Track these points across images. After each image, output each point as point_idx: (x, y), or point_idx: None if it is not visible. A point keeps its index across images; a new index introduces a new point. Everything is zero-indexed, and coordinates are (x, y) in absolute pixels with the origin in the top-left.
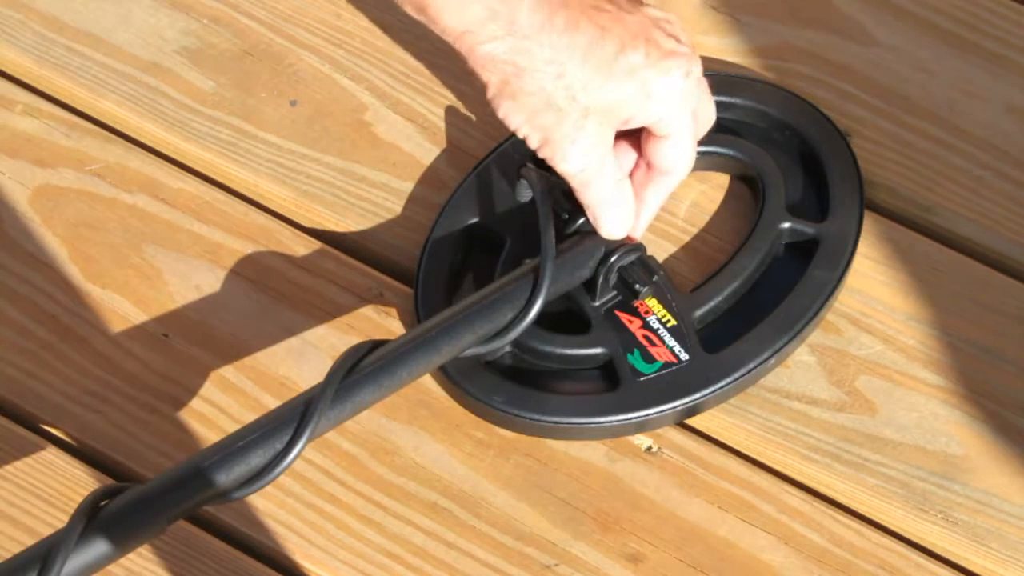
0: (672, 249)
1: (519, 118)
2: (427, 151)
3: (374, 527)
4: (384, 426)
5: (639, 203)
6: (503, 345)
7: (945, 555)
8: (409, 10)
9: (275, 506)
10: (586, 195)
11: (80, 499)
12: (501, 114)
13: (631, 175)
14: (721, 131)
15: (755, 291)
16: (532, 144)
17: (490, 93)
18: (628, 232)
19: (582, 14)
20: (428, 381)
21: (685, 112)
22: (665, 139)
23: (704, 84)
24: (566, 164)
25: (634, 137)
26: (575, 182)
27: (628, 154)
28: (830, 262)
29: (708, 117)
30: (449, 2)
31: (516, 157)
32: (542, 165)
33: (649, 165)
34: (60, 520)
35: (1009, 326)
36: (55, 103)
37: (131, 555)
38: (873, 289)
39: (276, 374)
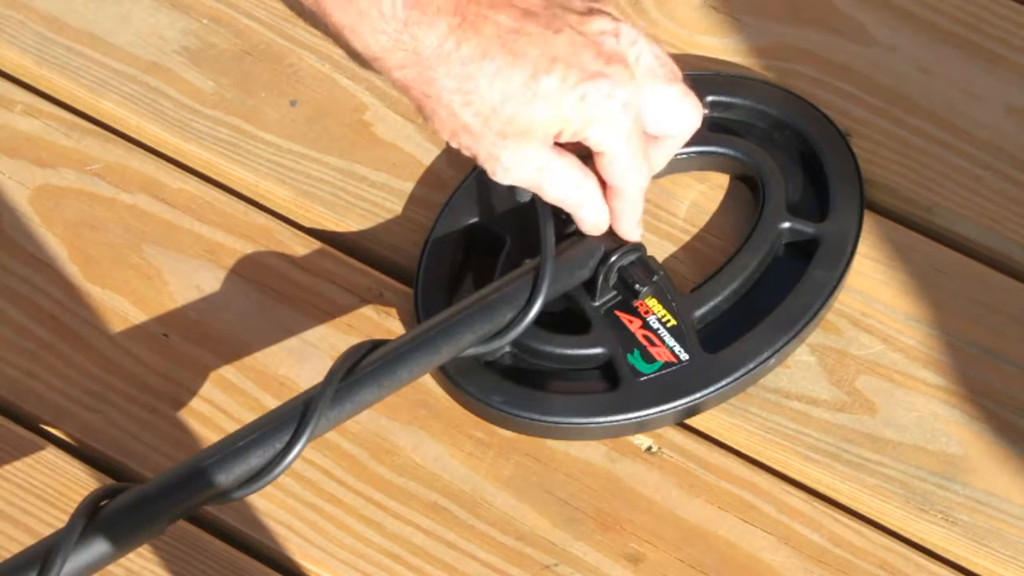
0: (672, 249)
1: (444, 135)
2: (427, 151)
3: (374, 527)
4: (384, 426)
5: (611, 214)
6: (503, 345)
7: (945, 555)
8: (326, 31)
9: (275, 506)
10: (548, 197)
11: (80, 499)
12: (436, 130)
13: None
14: (721, 131)
15: (755, 291)
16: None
17: (419, 111)
18: (617, 234)
19: (495, 41)
20: (428, 381)
21: (614, 132)
22: (601, 156)
23: (655, 95)
24: (499, 178)
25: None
26: (532, 188)
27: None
28: (830, 262)
29: (681, 126)
30: (361, 28)
31: None
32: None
33: (603, 181)
34: (60, 520)
35: (1009, 326)
36: (55, 103)
37: (131, 555)
38: (873, 289)
39: (276, 374)
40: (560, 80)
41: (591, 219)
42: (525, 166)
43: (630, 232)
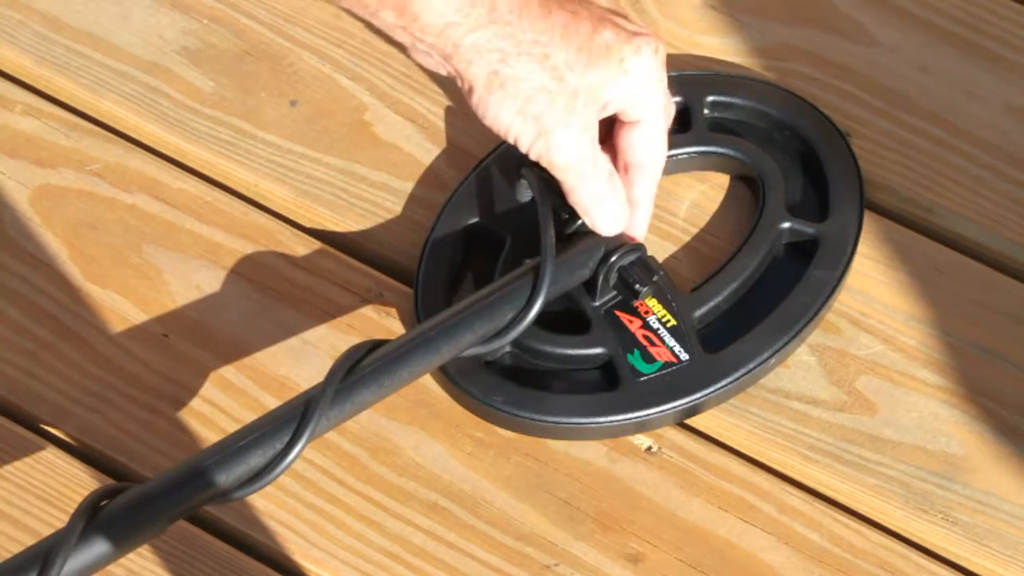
0: (672, 249)
1: (510, 110)
2: (427, 151)
3: (374, 527)
4: (384, 426)
5: (630, 206)
6: (503, 345)
7: (945, 555)
8: (388, 16)
9: (275, 506)
10: (581, 191)
11: (80, 499)
12: (491, 112)
13: None
14: (721, 131)
15: (755, 291)
16: (525, 140)
17: (477, 92)
18: (625, 229)
19: (553, 1)
20: (428, 381)
21: (658, 93)
22: (637, 125)
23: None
24: (561, 155)
25: (606, 145)
26: (570, 177)
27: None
28: (830, 262)
29: (672, 108)
30: None
31: (516, 157)
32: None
33: (625, 164)
34: (60, 520)
35: (1009, 326)
36: (55, 103)
37: (131, 555)
38: (873, 289)
39: (276, 374)
40: (615, 34)
41: (615, 214)
42: (587, 133)
43: (641, 227)
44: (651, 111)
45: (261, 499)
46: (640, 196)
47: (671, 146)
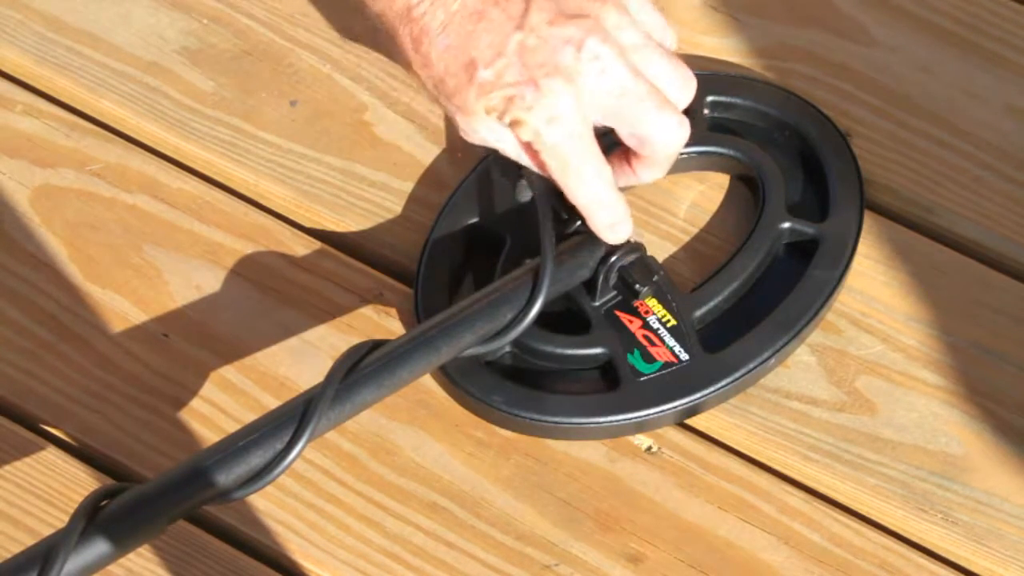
0: (672, 249)
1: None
2: (427, 151)
3: (374, 527)
4: (384, 426)
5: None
6: (503, 345)
7: (945, 555)
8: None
9: (275, 506)
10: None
11: (80, 499)
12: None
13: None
14: (721, 131)
15: (755, 291)
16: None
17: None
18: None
19: (457, 15)
20: (428, 381)
21: (537, 140)
22: None
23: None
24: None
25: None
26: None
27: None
28: (830, 262)
29: (657, 142)
30: None
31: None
32: None
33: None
34: (60, 520)
35: (1009, 326)
36: (55, 103)
37: (131, 555)
38: (873, 289)
39: (276, 374)
40: (495, 75)
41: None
42: (478, 134)
43: (602, 234)
44: (538, 149)
45: (261, 499)
46: (582, 211)
47: None
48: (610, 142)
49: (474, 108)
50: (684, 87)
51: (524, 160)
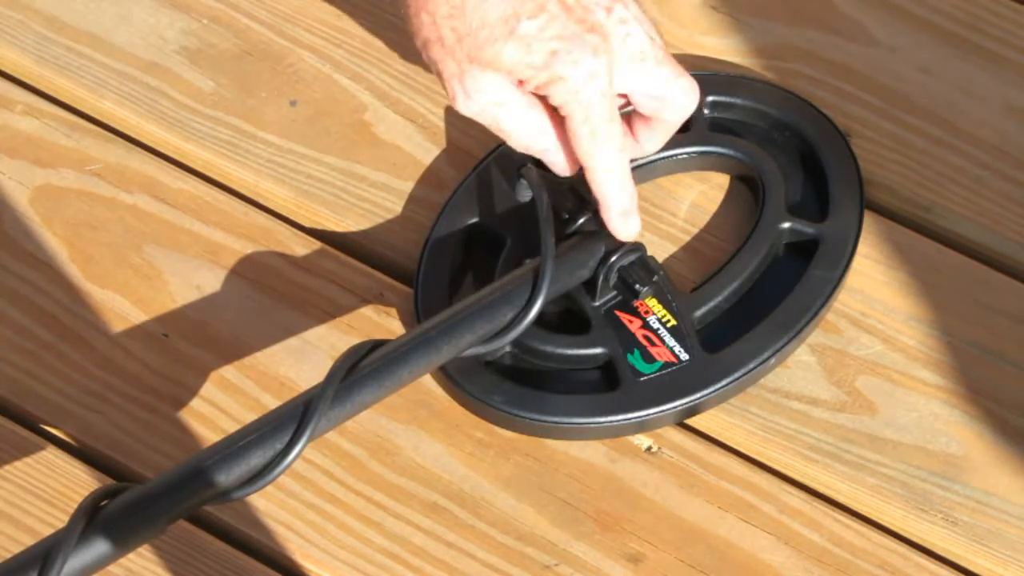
0: (672, 249)
1: (418, 42)
2: (427, 151)
3: (374, 527)
4: (384, 426)
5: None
6: (503, 345)
7: (945, 555)
8: None
9: (275, 506)
10: (508, 140)
11: (80, 499)
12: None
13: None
14: (721, 131)
15: (755, 291)
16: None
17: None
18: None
19: None
20: (428, 381)
21: (575, 99)
22: (564, 120)
23: (647, 57)
24: (459, 104)
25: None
26: (489, 126)
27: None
28: (830, 262)
29: (673, 107)
30: None
31: (516, 157)
32: (541, 165)
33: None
34: (60, 520)
35: (1009, 326)
36: (55, 103)
37: (131, 555)
38: (873, 289)
39: (276, 374)
40: (538, 28)
41: (559, 163)
42: (484, 96)
43: (614, 223)
44: (570, 111)
45: (261, 499)
46: (597, 192)
47: (671, 146)
48: None
49: (508, 61)
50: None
51: (517, 134)
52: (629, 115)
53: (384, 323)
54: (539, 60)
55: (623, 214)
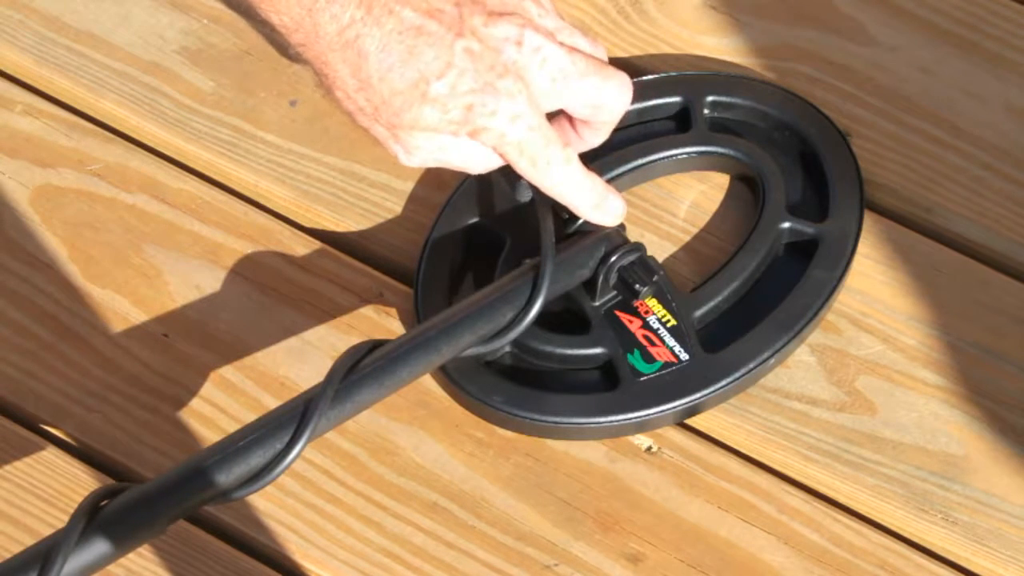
0: (672, 249)
1: (343, 112)
2: None
3: (374, 527)
4: (384, 426)
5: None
6: (503, 345)
7: (945, 555)
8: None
9: (275, 506)
10: (466, 172)
11: (80, 499)
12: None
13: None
14: (721, 131)
15: (755, 291)
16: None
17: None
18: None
19: (394, 36)
20: (428, 381)
21: (503, 143)
22: None
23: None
24: (402, 161)
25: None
26: (440, 165)
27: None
28: (830, 262)
29: (605, 112)
30: (265, 5)
31: None
32: None
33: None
34: (60, 520)
35: (1009, 326)
36: (55, 103)
37: (131, 555)
38: (873, 289)
39: (276, 374)
40: (449, 87)
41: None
42: (423, 150)
43: (592, 219)
44: (503, 153)
45: (261, 499)
46: (563, 201)
47: (672, 146)
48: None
49: (427, 123)
50: (596, 49)
51: (472, 167)
52: (570, 116)
53: (384, 323)
54: (458, 116)
55: (594, 208)
